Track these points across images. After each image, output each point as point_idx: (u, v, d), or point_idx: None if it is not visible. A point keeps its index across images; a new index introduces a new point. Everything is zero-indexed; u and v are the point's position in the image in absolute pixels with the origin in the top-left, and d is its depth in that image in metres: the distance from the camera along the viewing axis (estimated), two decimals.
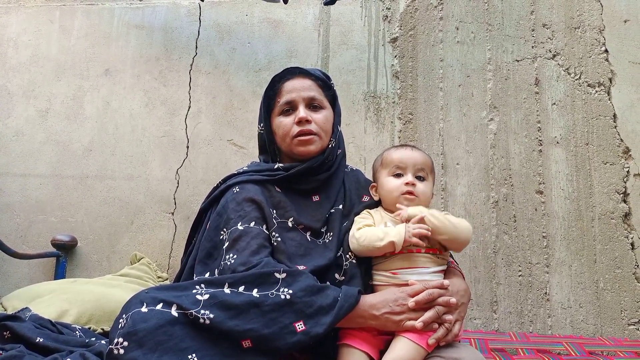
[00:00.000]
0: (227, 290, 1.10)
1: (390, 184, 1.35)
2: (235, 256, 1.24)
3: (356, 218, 1.37)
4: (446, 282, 1.21)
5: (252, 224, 1.29)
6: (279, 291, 1.10)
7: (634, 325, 2.07)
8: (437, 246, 1.28)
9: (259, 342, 1.04)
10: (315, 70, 1.51)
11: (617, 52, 2.32)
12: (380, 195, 1.39)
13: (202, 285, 1.11)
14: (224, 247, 1.28)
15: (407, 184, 1.32)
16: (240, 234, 1.27)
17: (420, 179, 1.35)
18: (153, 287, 1.18)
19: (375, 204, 1.43)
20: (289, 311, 1.08)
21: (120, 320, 1.01)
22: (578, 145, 2.26)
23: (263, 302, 1.08)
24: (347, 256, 1.31)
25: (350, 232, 1.31)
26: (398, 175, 1.35)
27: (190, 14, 2.63)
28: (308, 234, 1.35)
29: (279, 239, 1.29)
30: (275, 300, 1.08)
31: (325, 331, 1.08)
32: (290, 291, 1.10)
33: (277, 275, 1.13)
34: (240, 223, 1.29)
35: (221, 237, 1.32)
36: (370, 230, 1.28)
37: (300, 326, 1.07)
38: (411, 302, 1.14)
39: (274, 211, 1.34)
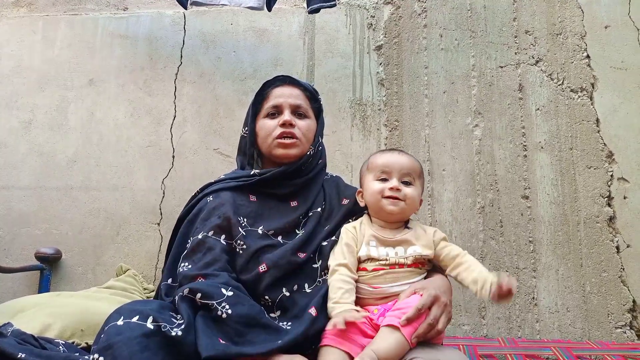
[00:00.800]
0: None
1: (374, 187, 1.32)
2: (189, 265, 1.25)
3: (340, 236, 1.34)
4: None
5: (211, 234, 1.30)
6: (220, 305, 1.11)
7: (620, 328, 2.08)
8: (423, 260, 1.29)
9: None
10: (306, 82, 1.56)
11: (599, 57, 2.35)
12: (366, 201, 1.37)
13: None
14: (183, 254, 1.31)
15: (391, 188, 1.30)
16: (198, 244, 1.29)
17: (407, 184, 1.33)
18: (139, 300, 1.18)
19: (354, 209, 1.43)
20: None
21: (102, 336, 1.01)
22: (562, 150, 2.28)
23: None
24: (324, 272, 1.30)
25: (330, 259, 1.30)
26: (383, 180, 1.33)
27: (175, 24, 2.63)
28: (280, 237, 1.35)
29: (244, 246, 1.30)
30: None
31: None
32: (230, 311, 1.10)
33: (223, 290, 1.14)
34: (202, 232, 1.31)
35: (187, 244, 1.33)
36: (333, 283, 1.24)
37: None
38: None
39: (244, 220, 1.35)
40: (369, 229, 1.33)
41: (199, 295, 1.12)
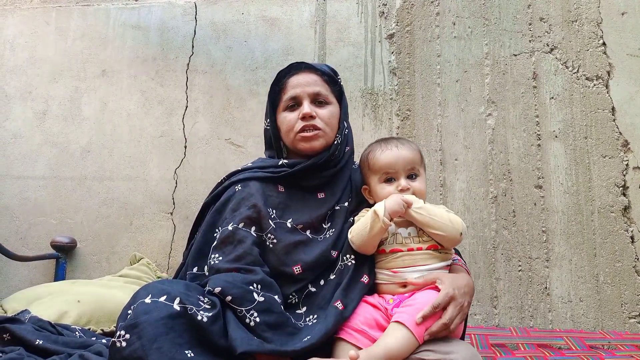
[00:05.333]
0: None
1: (384, 193, 1.32)
2: (220, 257, 1.25)
3: (356, 218, 1.36)
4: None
5: (241, 225, 1.29)
6: (249, 313, 1.13)
7: (634, 318, 2.07)
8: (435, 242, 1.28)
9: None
10: (322, 65, 1.49)
11: (615, 44, 2.31)
12: (376, 201, 1.36)
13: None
14: (213, 245, 1.30)
15: (401, 190, 1.30)
16: (229, 235, 1.28)
17: (413, 177, 1.33)
18: (166, 279, 1.19)
19: None
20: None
21: (128, 312, 1.03)
22: (577, 139, 2.26)
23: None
24: (345, 257, 1.30)
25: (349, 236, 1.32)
26: (389, 181, 1.33)
27: (186, 14, 2.63)
28: (308, 232, 1.34)
29: (275, 240, 1.30)
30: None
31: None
32: (257, 319, 1.12)
33: (255, 296, 1.15)
34: (232, 223, 1.29)
35: (215, 234, 1.33)
36: (357, 222, 1.29)
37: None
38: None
39: (273, 212, 1.34)
40: None
41: (229, 298, 1.13)
